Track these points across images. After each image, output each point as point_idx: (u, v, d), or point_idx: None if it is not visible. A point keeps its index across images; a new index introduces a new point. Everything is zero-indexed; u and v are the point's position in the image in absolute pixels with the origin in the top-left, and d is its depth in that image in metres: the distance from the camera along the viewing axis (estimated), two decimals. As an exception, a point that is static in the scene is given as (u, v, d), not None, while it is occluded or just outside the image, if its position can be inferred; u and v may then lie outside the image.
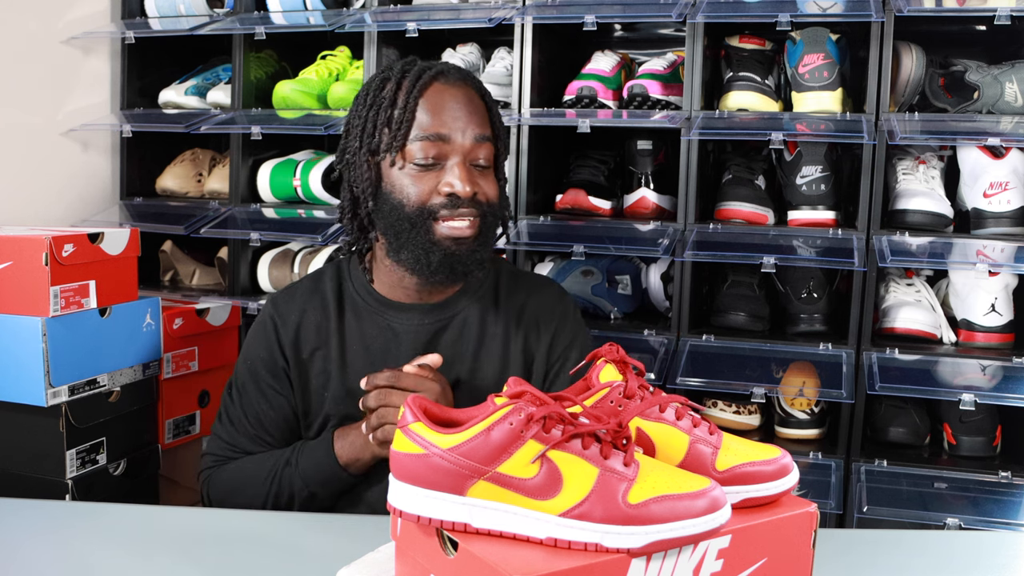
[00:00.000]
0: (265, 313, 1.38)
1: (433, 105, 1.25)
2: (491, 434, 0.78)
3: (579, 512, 0.76)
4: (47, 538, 1.10)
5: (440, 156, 1.24)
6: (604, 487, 0.77)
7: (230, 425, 1.36)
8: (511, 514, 0.78)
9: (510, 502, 0.78)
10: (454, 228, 1.24)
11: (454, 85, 1.28)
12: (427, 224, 1.24)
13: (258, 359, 1.35)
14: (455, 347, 1.33)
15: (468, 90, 1.29)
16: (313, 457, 1.28)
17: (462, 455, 0.78)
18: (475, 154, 1.26)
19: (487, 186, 1.28)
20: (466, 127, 1.25)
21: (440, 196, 1.24)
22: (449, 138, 1.24)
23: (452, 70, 1.30)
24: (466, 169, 1.24)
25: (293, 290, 1.39)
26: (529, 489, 0.78)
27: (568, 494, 0.77)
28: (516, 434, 0.77)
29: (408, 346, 1.32)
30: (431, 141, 1.24)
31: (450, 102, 1.26)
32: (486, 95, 1.32)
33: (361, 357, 1.33)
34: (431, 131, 1.24)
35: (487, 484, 0.78)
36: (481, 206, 1.26)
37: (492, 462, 0.78)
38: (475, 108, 1.28)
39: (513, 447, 0.78)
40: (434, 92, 1.26)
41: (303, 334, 1.34)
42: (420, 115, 1.24)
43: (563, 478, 0.77)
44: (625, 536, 0.76)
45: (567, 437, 0.78)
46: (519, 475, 0.78)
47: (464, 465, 0.78)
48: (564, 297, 1.43)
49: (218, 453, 1.37)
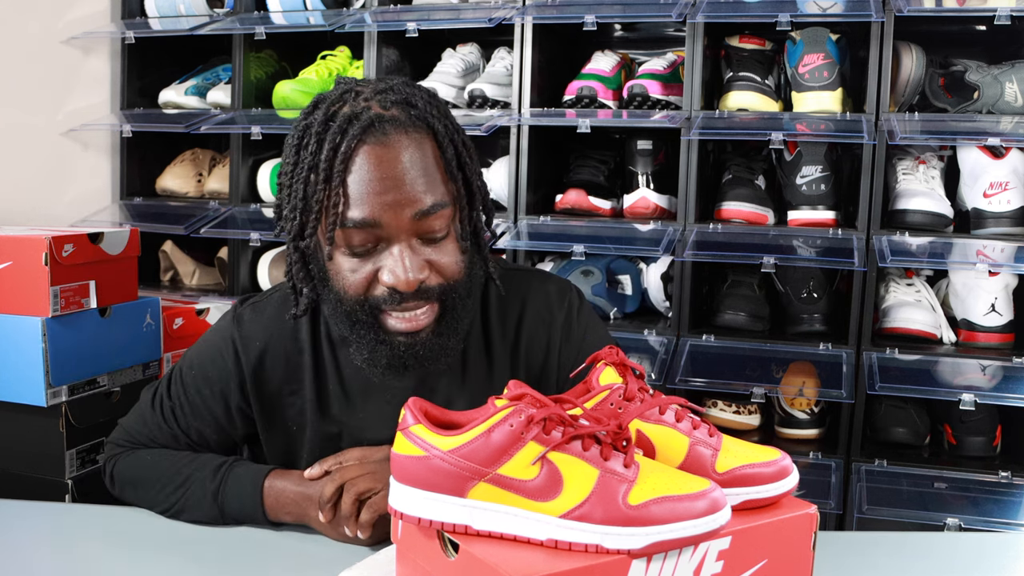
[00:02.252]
0: (226, 329, 1.18)
1: (363, 180, 0.99)
2: (491, 436, 0.78)
3: (579, 513, 0.76)
4: (47, 539, 1.10)
5: (376, 240, 1.01)
6: (604, 488, 0.77)
7: (154, 423, 1.20)
8: (511, 516, 0.78)
9: (511, 504, 0.78)
10: (404, 319, 1.03)
11: (387, 145, 0.99)
12: (374, 317, 1.03)
13: (204, 380, 1.18)
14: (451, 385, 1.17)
15: (407, 140, 1.00)
16: (238, 494, 1.12)
17: (463, 457, 0.78)
18: (421, 229, 1.01)
19: (443, 262, 1.03)
20: (404, 204, 0.99)
21: (381, 287, 1.02)
22: (381, 223, 0.99)
23: (386, 121, 1.00)
24: (407, 254, 1.00)
25: (262, 307, 1.18)
26: (529, 491, 0.78)
27: (568, 495, 0.77)
28: (516, 436, 0.77)
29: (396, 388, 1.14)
30: (359, 230, 0.99)
31: (382, 170, 0.99)
32: (440, 133, 1.03)
33: (339, 400, 1.16)
34: (358, 218, 0.99)
35: (488, 486, 0.78)
36: (433, 292, 1.03)
37: (492, 464, 0.78)
38: (418, 171, 1.00)
39: (513, 449, 0.78)
40: (362, 161, 0.99)
41: (268, 363, 1.16)
42: (349, 192, 0.99)
43: (563, 480, 0.77)
44: (625, 537, 0.76)
45: (567, 439, 0.78)
46: (519, 477, 0.78)
47: (465, 467, 0.78)
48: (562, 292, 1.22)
49: (126, 443, 1.22)
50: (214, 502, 1.12)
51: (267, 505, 1.10)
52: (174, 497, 1.14)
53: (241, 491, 1.12)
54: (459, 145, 1.06)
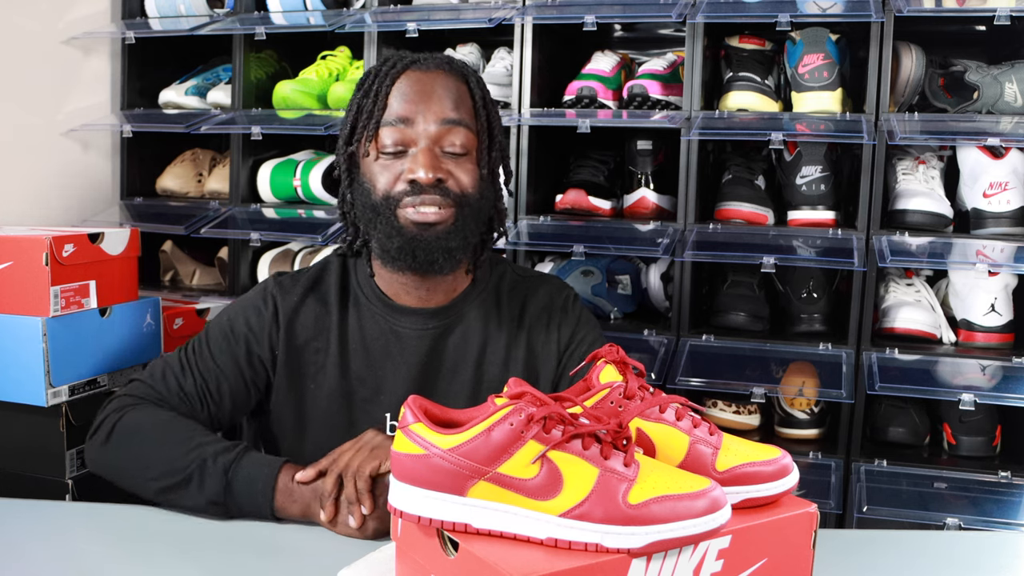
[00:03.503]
0: (268, 287, 1.33)
1: (402, 91, 1.21)
2: (492, 435, 0.78)
3: (579, 512, 0.77)
4: (47, 538, 1.10)
5: (405, 142, 1.20)
6: (604, 488, 0.77)
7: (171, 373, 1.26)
8: (511, 515, 0.78)
9: (510, 502, 0.78)
10: (418, 213, 1.19)
11: (429, 71, 1.23)
12: (392, 211, 1.20)
13: (243, 324, 1.29)
14: (458, 351, 1.30)
15: (444, 76, 1.23)
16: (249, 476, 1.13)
17: (462, 455, 0.78)
18: (444, 139, 1.21)
19: (461, 174, 1.22)
20: (432, 110, 1.20)
21: (404, 183, 1.20)
22: (413, 121, 1.20)
23: (433, 59, 1.25)
24: (431, 155, 1.19)
25: (298, 275, 1.35)
26: (529, 489, 0.78)
27: (568, 494, 0.77)
28: (516, 435, 0.78)
29: (411, 350, 1.29)
30: (394, 127, 1.20)
31: (419, 86, 1.21)
32: (473, 83, 1.26)
33: (360, 356, 1.30)
34: (394, 116, 1.20)
35: (488, 484, 0.78)
36: (452, 194, 1.20)
37: (492, 463, 0.78)
38: (448, 92, 1.22)
39: (513, 448, 0.78)
40: (405, 78, 1.22)
41: (300, 320, 1.30)
42: (390, 102, 1.21)
43: (563, 478, 0.77)
44: (626, 536, 0.76)
45: (567, 438, 0.78)
46: (519, 475, 0.78)
47: (464, 466, 0.78)
48: (564, 290, 1.39)
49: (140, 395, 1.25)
50: (223, 475, 1.12)
51: (278, 489, 1.12)
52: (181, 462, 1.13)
53: (255, 472, 1.12)
54: (487, 99, 1.27)
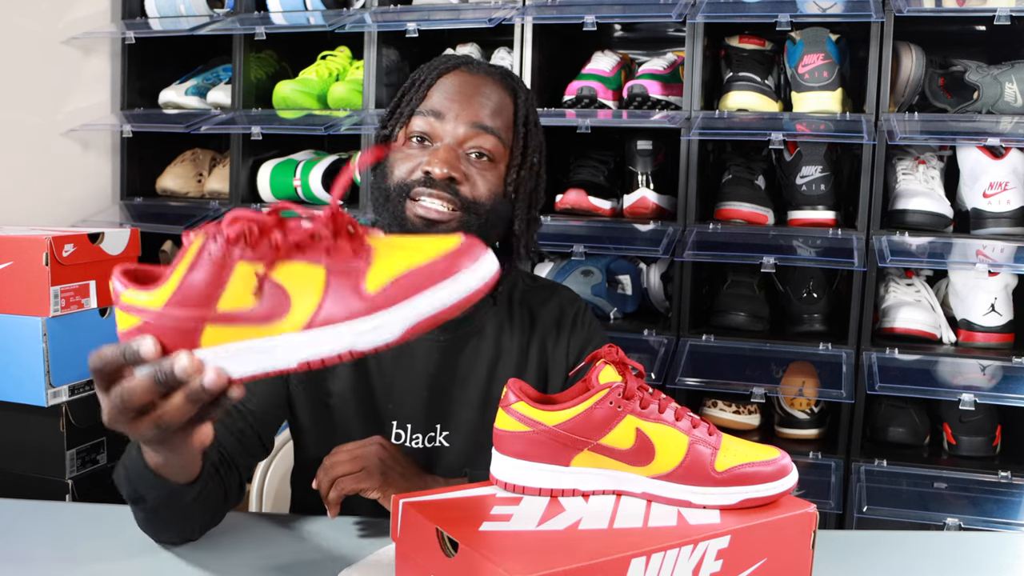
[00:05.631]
0: None
1: (444, 87, 1.20)
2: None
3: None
4: (47, 538, 1.10)
5: (432, 135, 1.18)
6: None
7: None
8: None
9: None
10: (423, 207, 1.15)
11: (477, 75, 1.21)
12: (401, 200, 1.17)
13: None
14: (469, 363, 1.27)
15: (492, 83, 1.21)
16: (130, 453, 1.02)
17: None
18: (470, 142, 1.17)
19: (478, 180, 1.17)
20: (466, 111, 1.18)
21: (419, 173, 1.17)
22: (444, 117, 1.17)
23: (486, 65, 1.24)
24: (451, 152, 1.16)
25: None
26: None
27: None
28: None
29: (422, 361, 1.26)
30: (425, 117, 1.18)
31: (461, 86, 1.19)
32: (521, 99, 1.22)
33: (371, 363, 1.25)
34: (429, 108, 1.18)
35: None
36: (462, 198, 1.16)
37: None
38: (488, 99, 1.19)
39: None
40: (452, 76, 1.21)
41: None
42: (430, 93, 1.20)
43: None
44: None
45: (288, 251, 0.74)
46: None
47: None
48: (576, 300, 1.37)
49: None
50: (122, 468, 1.01)
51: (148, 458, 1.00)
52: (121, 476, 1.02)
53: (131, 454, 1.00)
54: (532, 118, 1.23)
